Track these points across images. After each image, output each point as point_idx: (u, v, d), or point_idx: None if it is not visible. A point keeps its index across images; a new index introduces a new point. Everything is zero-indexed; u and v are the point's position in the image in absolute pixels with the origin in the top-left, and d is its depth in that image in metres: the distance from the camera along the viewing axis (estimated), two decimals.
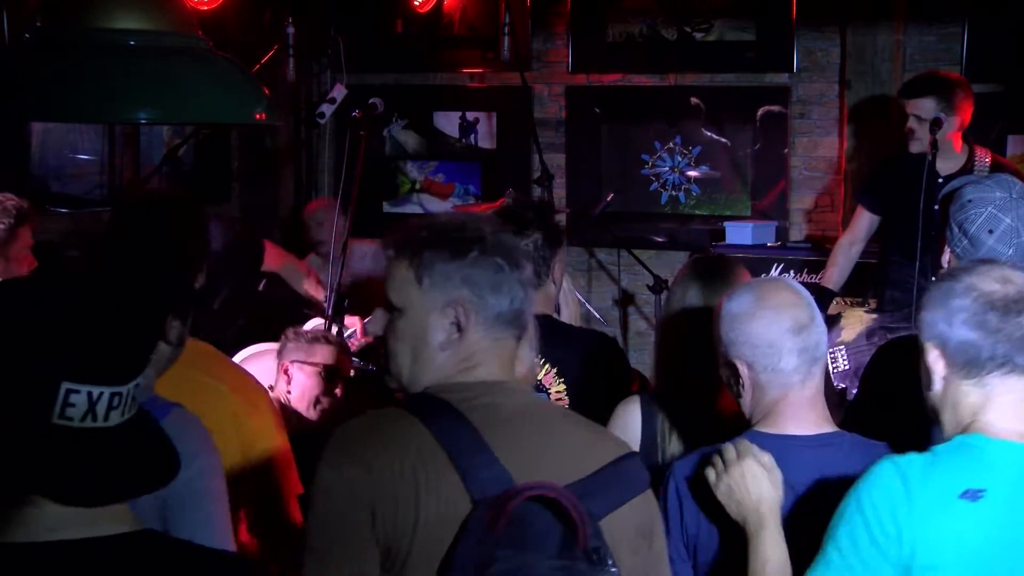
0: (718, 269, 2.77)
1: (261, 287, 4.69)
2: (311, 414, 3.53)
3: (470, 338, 1.90)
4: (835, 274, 5.07)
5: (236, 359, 3.59)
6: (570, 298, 3.52)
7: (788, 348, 2.22)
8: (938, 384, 2.05)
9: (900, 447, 2.11)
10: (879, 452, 2.19)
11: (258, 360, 3.68)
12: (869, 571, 1.95)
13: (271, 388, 3.77)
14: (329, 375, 3.51)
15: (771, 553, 2.12)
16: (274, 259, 4.73)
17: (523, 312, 1.95)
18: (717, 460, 2.20)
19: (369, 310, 2.78)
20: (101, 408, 1.40)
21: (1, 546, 1.41)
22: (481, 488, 1.74)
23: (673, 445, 2.63)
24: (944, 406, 2.06)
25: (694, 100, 6.37)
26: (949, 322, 2.00)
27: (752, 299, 2.25)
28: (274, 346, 3.81)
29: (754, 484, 2.14)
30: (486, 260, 1.89)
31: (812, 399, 2.27)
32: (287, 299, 4.83)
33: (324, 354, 3.55)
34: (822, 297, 4.97)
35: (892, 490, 1.94)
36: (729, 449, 2.19)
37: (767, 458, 2.18)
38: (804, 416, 2.26)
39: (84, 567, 1.40)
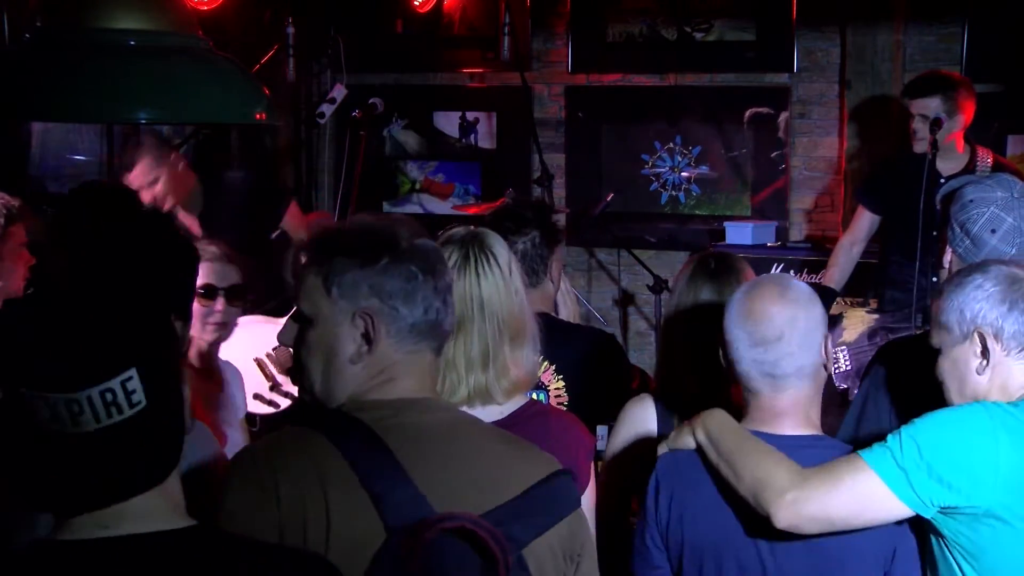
0: (724, 266, 2.78)
1: (274, 236, 4.78)
2: (205, 336, 3.52)
3: (381, 351, 1.80)
4: (836, 273, 5.07)
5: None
6: (568, 297, 3.52)
7: (743, 356, 2.24)
8: (989, 368, 2.20)
9: None
10: None
11: (248, 327, 3.68)
12: (917, 480, 2.07)
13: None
14: (208, 293, 3.48)
15: (740, 430, 2.21)
16: (296, 218, 4.85)
17: (440, 323, 1.85)
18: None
19: None
20: (63, 414, 1.38)
21: (59, 543, 1.42)
22: (395, 515, 1.66)
23: None
24: (992, 386, 2.21)
25: (693, 104, 6.37)
26: (1007, 310, 2.19)
27: (741, 295, 2.27)
28: (274, 321, 3.84)
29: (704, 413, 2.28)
30: (398, 268, 1.80)
31: (786, 409, 2.25)
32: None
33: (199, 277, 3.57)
34: (824, 297, 4.97)
35: (980, 430, 2.08)
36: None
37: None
38: (777, 421, 2.26)
39: (136, 563, 1.41)
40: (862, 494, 2.09)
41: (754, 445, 2.16)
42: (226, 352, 3.50)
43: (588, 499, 2.48)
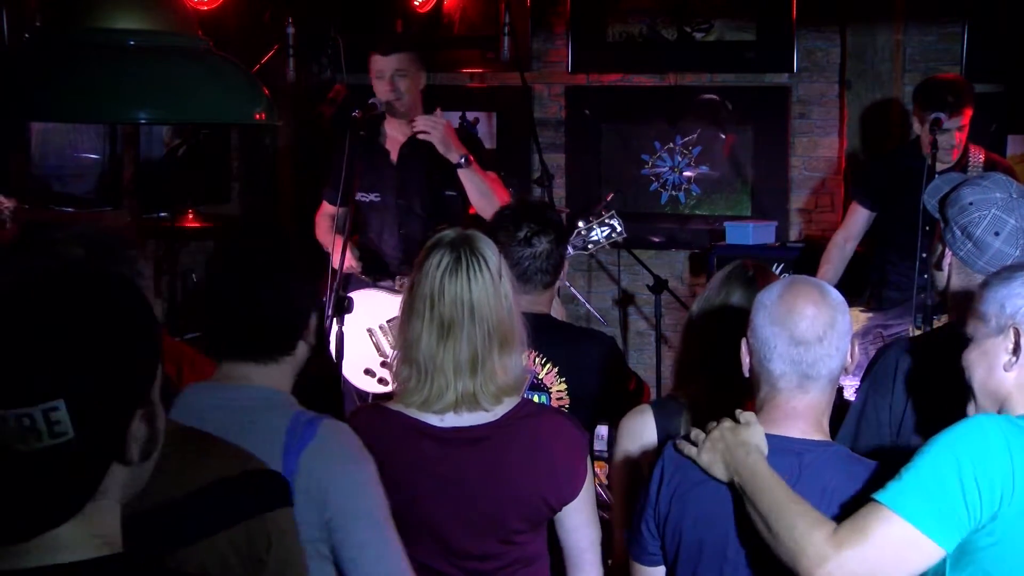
0: (761, 275, 2.73)
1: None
2: None
3: None
4: (829, 271, 5.02)
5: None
6: (555, 298, 3.53)
7: (781, 354, 2.22)
8: (1017, 365, 2.15)
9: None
10: (860, 469, 2.22)
11: (364, 296, 3.71)
12: (946, 506, 1.99)
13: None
14: None
15: (777, 486, 2.12)
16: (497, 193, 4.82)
17: None
18: (698, 432, 2.27)
19: None
20: None
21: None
22: None
23: None
24: (1017, 385, 2.15)
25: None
26: None
27: (776, 296, 2.26)
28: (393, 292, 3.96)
29: (734, 435, 2.20)
30: None
31: (803, 411, 2.25)
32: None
33: None
34: None
35: (995, 446, 2.00)
36: (712, 424, 2.27)
37: (749, 415, 2.24)
38: (790, 423, 2.25)
39: None
40: (896, 543, 2.00)
41: (786, 499, 2.10)
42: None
43: (587, 495, 2.49)
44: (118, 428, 1.39)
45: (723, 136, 6.35)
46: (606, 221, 4.41)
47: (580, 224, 4.40)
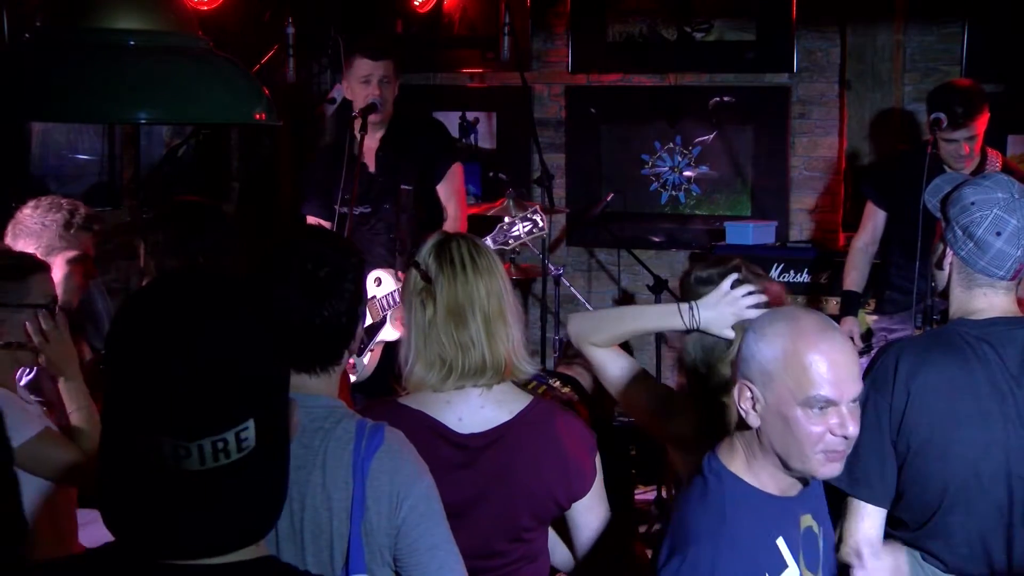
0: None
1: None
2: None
3: None
4: (856, 277, 4.98)
5: None
6: None
7: None
8: None
9: None
10: None
11: None
12: None
13: None
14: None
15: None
16: (454, 186, 4.88)
17: None
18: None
19: None
20: (168, 454, 1.35)
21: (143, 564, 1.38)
22: None
23: None
24: None
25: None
26: None
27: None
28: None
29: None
30: None
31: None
32: None
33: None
34: (852, 303, 4.95)
35: None
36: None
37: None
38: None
39: None
40: None
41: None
42: None
43: (596, 494, 2.51)
44: (286, 427, 1.46)
45: (720, 139, 6.35)
46: (528, 216, 4.34)
47: (505, 219, 4.37)
